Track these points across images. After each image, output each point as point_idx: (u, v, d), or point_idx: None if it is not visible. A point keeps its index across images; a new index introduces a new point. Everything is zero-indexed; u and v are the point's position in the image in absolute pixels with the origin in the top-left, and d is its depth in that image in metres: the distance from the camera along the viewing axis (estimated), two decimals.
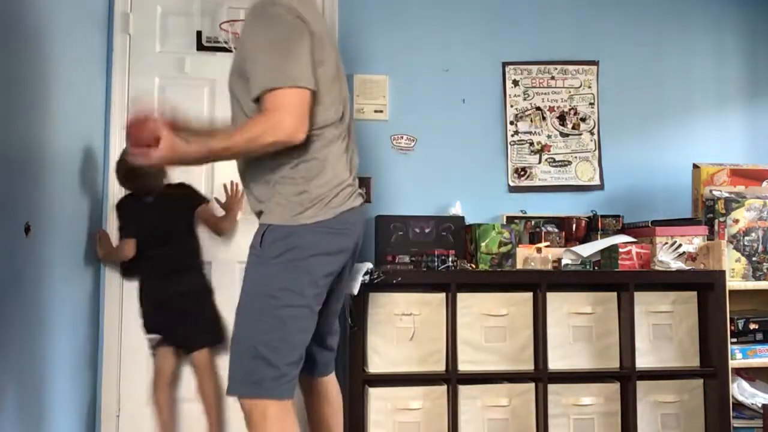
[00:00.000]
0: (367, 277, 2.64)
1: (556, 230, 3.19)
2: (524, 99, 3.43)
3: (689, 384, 2.83)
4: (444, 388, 2.71)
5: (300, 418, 2.08)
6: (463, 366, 2.71)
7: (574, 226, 3.20)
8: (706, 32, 3.59)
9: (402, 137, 3.33)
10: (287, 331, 1.91)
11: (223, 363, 2.60)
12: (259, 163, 2.00)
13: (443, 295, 2.74)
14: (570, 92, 3.46)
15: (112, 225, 3.09)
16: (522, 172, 3.40)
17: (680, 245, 2.93)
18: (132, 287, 3.08)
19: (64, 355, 2.68)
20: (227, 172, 3.21)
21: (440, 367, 2.72)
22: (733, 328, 2.87)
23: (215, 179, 3.22)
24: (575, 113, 3.46)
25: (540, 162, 3.41)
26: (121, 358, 3.08)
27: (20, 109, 2.20)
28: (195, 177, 3.22)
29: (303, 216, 1.94)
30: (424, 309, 2.73)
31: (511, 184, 3.39)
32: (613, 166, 3.45)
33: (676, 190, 3.38)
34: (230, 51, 3.14)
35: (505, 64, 3.43)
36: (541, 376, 2.72)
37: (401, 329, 2.71)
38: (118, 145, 3.12)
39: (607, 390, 2.78)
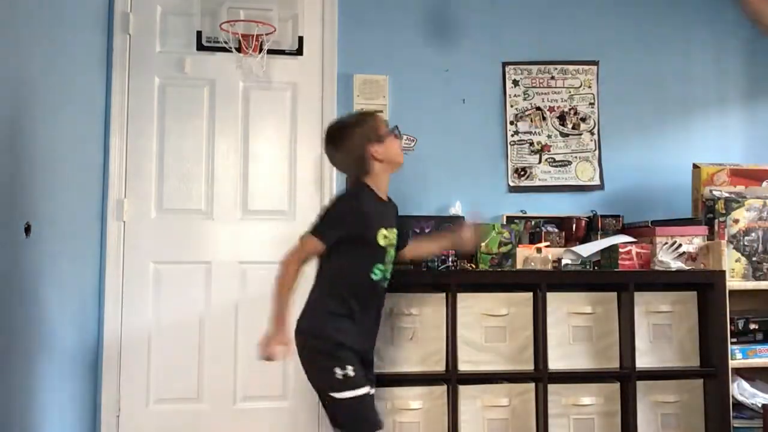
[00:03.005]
0: None
1: (556, 230, 3.19)
2: (524, 99, 3.43)
3: (689, 384, 2.82)
4: (444, 388, 2.70)
5: None
6: (463, 366, 2.71)
7: (574, 226, 3.20)
8: (706, 32, 3.58)
9: (402, 137, 3.32)
10: None
11: None
12: None
13: (443, 295, 2.74)
14: (570, 92, 3.46)
15: (112, 224, 3.09)
16: (522, 172, 3.40)
17: (680, 245, 2.93)
18: (131, 287, 3.09)
19: (64, 355, 2.68)
20: (226, 176, 3.23)
21: (440, 367, 2.72)
22: (733, 328, 2.87)
23: (215, 186, 3.22)
24: (575, 113, 3.46)
25: (540, 162, 3.41)
26: (121, 358, 3.08)
27: (20, 109, 2.20)
28: (194, 183, 3.23)
29: None
30: (424, 309, 2.73)
31: (511, 184, 3.39)
32: (613, 166, 3.45)
33: (676, 190, 3.37)
34: (230, 51, 3.14)
35: (505, 64, 3.43)
36: (541, 376, 2.72)
37: (401, 329, 2.71)
38: (118, 145, 3.13)
39: (607, 390, 2.78)
